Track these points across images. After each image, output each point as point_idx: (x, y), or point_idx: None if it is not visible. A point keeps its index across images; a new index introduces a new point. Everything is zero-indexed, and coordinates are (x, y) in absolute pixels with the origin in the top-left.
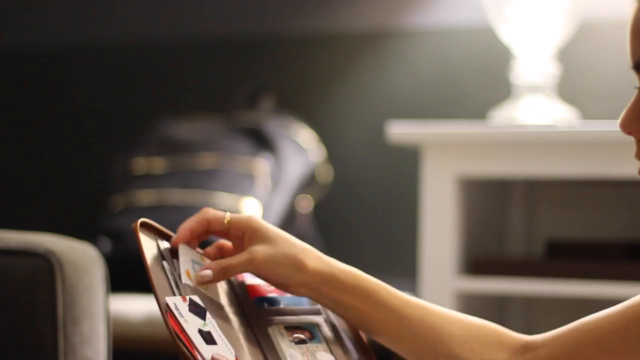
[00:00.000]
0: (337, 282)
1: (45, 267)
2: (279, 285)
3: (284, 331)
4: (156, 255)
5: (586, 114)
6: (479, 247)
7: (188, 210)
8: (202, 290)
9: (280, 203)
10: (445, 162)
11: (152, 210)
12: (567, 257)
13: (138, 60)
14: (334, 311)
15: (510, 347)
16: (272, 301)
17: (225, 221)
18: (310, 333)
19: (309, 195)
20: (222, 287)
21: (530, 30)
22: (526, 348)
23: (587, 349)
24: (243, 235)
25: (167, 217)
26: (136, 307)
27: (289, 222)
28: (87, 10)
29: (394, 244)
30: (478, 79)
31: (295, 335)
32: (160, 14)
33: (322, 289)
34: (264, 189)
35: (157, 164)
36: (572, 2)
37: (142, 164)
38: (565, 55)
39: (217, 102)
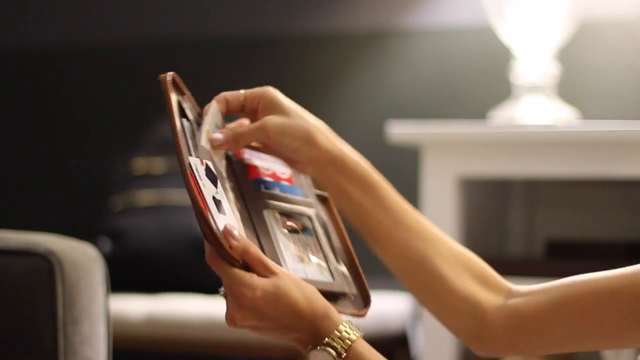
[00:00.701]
0: (345, 167)
1: (45, 267)
2: (287, 159)
3: (278, 216)
4: (179, 113)
5: (586, 114)
6: (479, 247)
7: (188, 211)
8: (215, 156)
9: None
10: (445, 162)
11: (152, 210)
12: (567, 257)
13: (138, 60)
14: (334, 198)
15: (496, 288)
16: (269, 184)
17: (242, 97)
18: (302, 224)
19: None
20: (222, 163)
21: (530, 30)
22: (511, 293)
23: (575, 304)
24: (258, 106)
25: (167, 217)
26: (136, 307)
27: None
28: (87, 11)
29: None
30: (478, 79)
31: (288, 223)
32: (160, 14)
33: (328, 169)
34: None
35: (157, 164)
36: (572, 2)
37: (142, 164)
38: (565, 55)
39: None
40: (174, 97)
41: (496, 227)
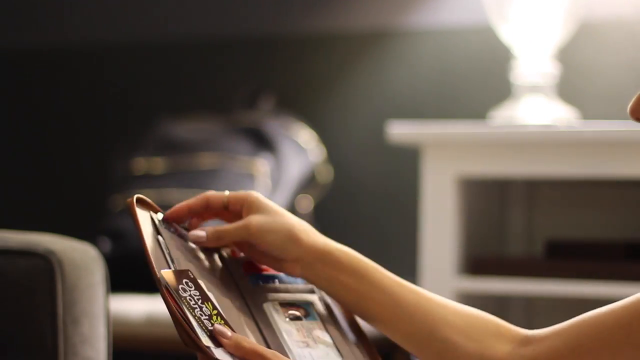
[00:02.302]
0: (333, 259)
1: (45, 267)
2: (274, 261)
3: (279, 307)
4: (152, 230)
5: (586, 114)
6: (479, 247)
7: None
8: (195, 263)
9: (280, 203)
10: (445, 162)
11: None
12: (567, 257)
13: (138, 60)
14: (329, 292)
15: (510, 339)
16: (267, 278)
17: (225, 198)
18: (305, 310)
19: (309, 195)
20: (216, 264)
21: (530, 30)
22: (527, 341)
23: (589, 342)
24: (241, 209)
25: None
26: (136, 307)
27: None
28: (87, 11)
29: (394, 244)
30: (478, 79)
31: (290, 312)
32: (160, 14)
33: (317, 266)
34: (264, 189)
35: (157, 164)
36: (572, 2)
37: (142, 164)
38: (565, 55)
39: (217, 102)
40: (143, 216)
41: (496, 227)
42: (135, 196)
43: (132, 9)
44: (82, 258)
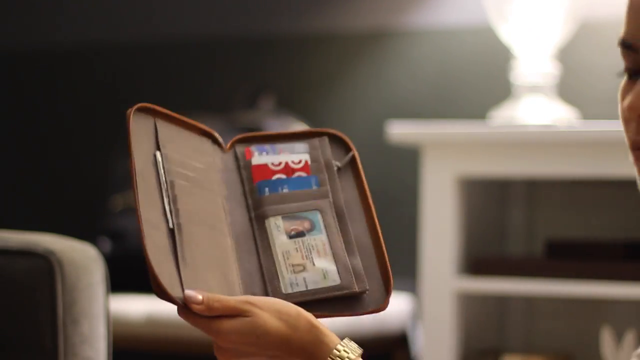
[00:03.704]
0: None
1: (45, 267)
2: None
3: (280, 223)
4: (148, 145)
5: (586, 114)
6: (479, 247)
7: None
8: (201, 174)
9: None
10: (445, 162)
11: None
12: (567, 257)
13: (138, 60)
14: None
15: None
16: (275, 185)
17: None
18: (310, 223)
19: None
20: (228, 168)
21: (530, 30)
22: None
23: None
24: None
25: None
26: (136, 307)
27: None
28: (87, 11)
29: (394, 244)
30: (478, 79)
31: (292, 227)
32: (160, 14)
33: None
34: None
35: None
36: (572, 2)
37: None
38: (565, 55)
39: (217, 102)
40: (145, 126)
41: (496, 227)
42: (138, 105)
43: (132, 9)
44: (82, 258)
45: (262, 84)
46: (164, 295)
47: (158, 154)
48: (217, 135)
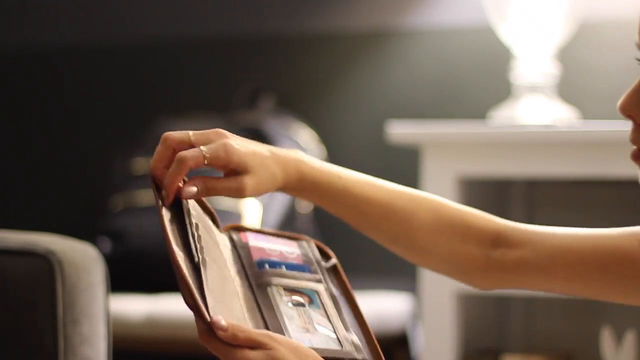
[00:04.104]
0: (311, 190)
1: (45, 267)
2: None
3: (282, 292)
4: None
5: (586, 114)
6: None
7: None
8: (216, 238)
9: (280, 203)
10: (445, 162)
11: (152, 211)
12: None
13: (138, 60)
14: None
15: (480, 238)
16: (274, 264)
17: (205, 161)
18: (309, 298)
19: None
20: (224, 245)
21: (530, 30)
22: (498, 241)
23: (562, 269)
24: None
25: None
26: (136, 307)
27: (289, 222)
28: (87, 11)
29: None
30: (478, 79)
31: (294, 297)
32: (160, 14)
33: (296, 194)
34: None
35: None
36: (572, 2)
37: (142, 163)
38: (565, 55)
39: (217, 102)
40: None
41: None
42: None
43: (132, 9)
44: (82, 258)
45: (262, 84)
46: (199, 314)
47: (184, 202)
48: (216, 215)
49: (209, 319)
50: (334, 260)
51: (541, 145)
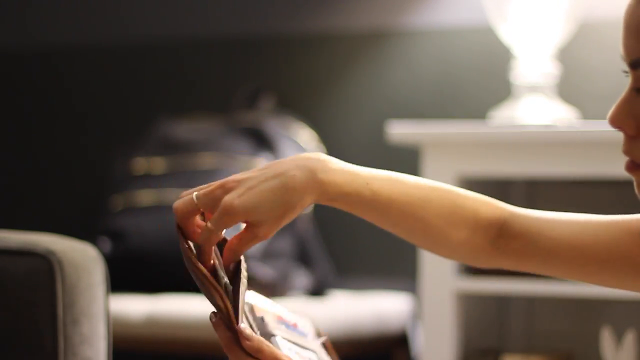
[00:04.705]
0: (336, 204)
1: (45, 267)
2: None
3: (286, 344)
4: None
5: (586, 114)
6: None
7: None
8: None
9: None
10: (445, 162)
11: (152, 210)
12: None
13: (138, 60)
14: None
15: (485, 227)
16: (276, 322)
17: (219, 237)
18: (312, 352)
19: None
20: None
21: (530, 30)
22: (502, 231)
23: (564, 265)
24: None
25: (167, 217)
26: (136, 307)
27: (289, 222)
28: (87, 11)
29: (394, 244)
30: (478, 79)
31: (297, 351)
32: (160, 14)
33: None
34: None
35: (157, 164)
36: (572, 2)
37: (142, 164)
38: (565, 55)
39: (217, 102)
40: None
41: None
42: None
43: (132, 9)
44: (82, 258)
45: (262, 84)
46: (229, 318)
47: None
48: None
49: (237, 324)
50: (323, 338)
51: (541, 145)
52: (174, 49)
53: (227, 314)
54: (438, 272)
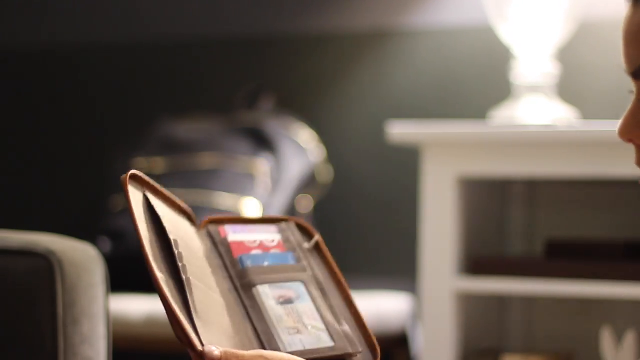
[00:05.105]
0: None
1: (45, 267)
2: None
3: (268, 291)
4: (144, 210)
5: (586, 114)
6: (479, 247)
7: None
8: (185, 246)
9: (280, 203)
10: (445, 162)
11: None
12: (567, 257)
13: (138, 60)
14: None
15: None
16: (256, 259)
17: None
18: (295, 292)
19: (309, 195)
20: (205, 244)
21: (530, 30)
22: None
23: None
24: None
25: None
26: (136, 307)
27: None
28: (87, 11)
29: (394, 244)
30: (478, 79)
31: (280, 294)
32: (160, 14)
33: None
34: (264, 189)
35: (158, 164)
36: (572, 2)
37: (142, 164)
38: (565, 55)
39: (217, 102)
40: (136, 196)
41: (496, 227)
42: (130, 173)
43: (132, 9)
44: (82, 258)
45: (262, 84)
46: (191, 346)
47: (160, 216)
48: (192, 214)
49: (200, 348)
50: (316, 238)
51: (541, 145)
52: (174, 49)
53: (187, 341)
54: (438, 272)
